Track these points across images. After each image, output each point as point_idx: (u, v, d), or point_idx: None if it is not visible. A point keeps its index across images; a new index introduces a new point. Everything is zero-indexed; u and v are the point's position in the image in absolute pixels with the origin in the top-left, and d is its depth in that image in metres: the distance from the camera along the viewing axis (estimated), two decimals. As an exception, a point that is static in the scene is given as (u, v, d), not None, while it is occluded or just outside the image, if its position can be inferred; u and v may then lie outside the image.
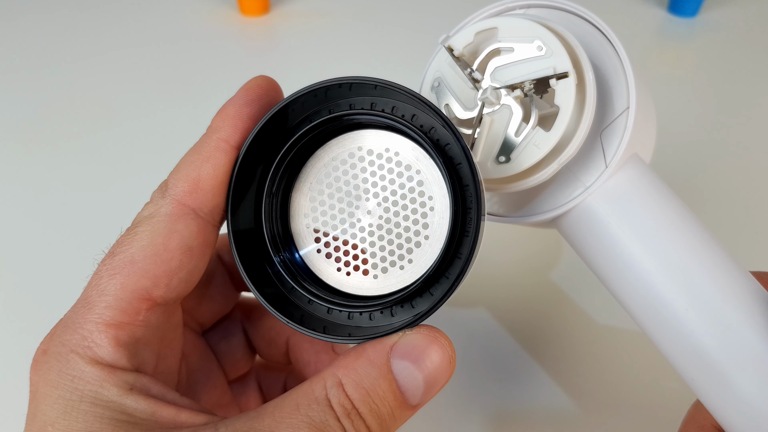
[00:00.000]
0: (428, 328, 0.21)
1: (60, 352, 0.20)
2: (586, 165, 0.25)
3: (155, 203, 0.22)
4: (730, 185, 0.49)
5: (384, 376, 0.20)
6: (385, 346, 0.20)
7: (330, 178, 0.23)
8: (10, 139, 0.55)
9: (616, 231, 0.25)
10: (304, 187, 0.24)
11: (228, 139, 0.22)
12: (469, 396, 0.36)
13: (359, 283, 0.23)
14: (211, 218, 0.22)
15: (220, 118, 0.22)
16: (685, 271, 0.24)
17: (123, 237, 0.21)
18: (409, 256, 0.22)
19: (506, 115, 0.25)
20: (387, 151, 0.23)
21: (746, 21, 0.69)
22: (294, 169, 0.24)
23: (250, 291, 0.22)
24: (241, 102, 0.22)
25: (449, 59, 0.26)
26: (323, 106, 0.23)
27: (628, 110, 0.25)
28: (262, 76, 0.23)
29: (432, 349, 0.20)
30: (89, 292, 0.21)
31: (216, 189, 0.22)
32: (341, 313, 0.22)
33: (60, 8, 0.74)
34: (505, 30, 0.25)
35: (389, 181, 0.22)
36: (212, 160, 0.22)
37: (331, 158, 0.23)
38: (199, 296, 0.28)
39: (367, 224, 0.23)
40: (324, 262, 0.24)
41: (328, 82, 0.22)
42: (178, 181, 0.22)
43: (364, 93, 0.22)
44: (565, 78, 0.24)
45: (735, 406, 0.23)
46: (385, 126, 0.23)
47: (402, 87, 0.21)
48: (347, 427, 0.19)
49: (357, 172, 0.23)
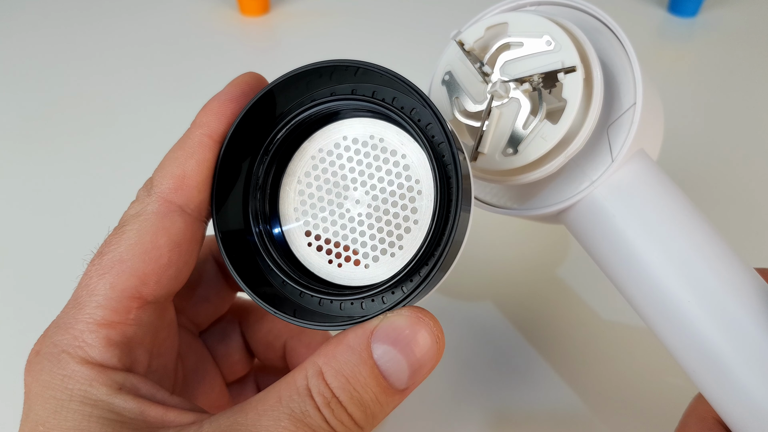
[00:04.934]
0: (412, 308, 0.20)
1: (52, 352, 0.20)
2: (592, 159, 0.26)
3: (141, 201, 0.22)
4: (730, 185, 0.49)
5: (364, 361, 0.19)
6: (366, 330, 0.20)
7: (317, 171, 0.23)
8: (9, 138, 0.55)
9: (621, 224, 0.25)
10: (292, 180, 0.24)
11: (212, 134, 0.22)
12: (472, 391, 0.36)
13: (351, 274, 0.23)
14: (198, 214, 0.22)
15: (204, 113, 0.22)
16: (688, 264, 0.25)
17: (111, 236, 0.21)
18: (399, 242, 0.22)
19: (515, 108, 0.26)
20: (372, 138, 0.23)
21: (746, 21, 0.70)
22: (281, 162, 0.24)
23: (242, 289, 0.22)
24: (225, 98, 0.22)
25: (460, 53, 0.27)
26: (305, 97, 0.23)
27: (635, 106, 0.25)
28: (250, 73, 0.23)
29: (415, 330, 0.19)
30: (79, 293, 0.21)
31: (201, 185, 0.22)
32: (332, 304, 0.22)
33: (60, 8, 0.74)
34: (515, 25, 0.26)
35: (376, 168, 0.22)
36: (196, 155, 0.22)
37: (317, 150, 0.23)
38: (192, 296, 0.28)
39: (357, 214, 0.22)
40: (315, 255, 0.23)
41: (305, 67, 0.21)
42: (163, 178, 0.22)
43: (345, 80, 0.22)
44: (573, 72, 0.25)
45: (736, 399, 0.24)
46: (368, 111, 0.23)
47: (380, 67, 0.21)
48: (328, 417, 0.19)
49: (344, 162, 0.23)
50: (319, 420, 0.19)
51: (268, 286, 0.23)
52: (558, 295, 0.42)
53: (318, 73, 0.22)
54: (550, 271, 0.43)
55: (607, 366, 0.37)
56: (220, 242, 0.22)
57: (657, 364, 0.37)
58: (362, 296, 0.21)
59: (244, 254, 0.23)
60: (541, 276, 0.43)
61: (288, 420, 0.18)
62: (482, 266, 0.43)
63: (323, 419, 0.19)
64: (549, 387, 0.36)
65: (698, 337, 0.24)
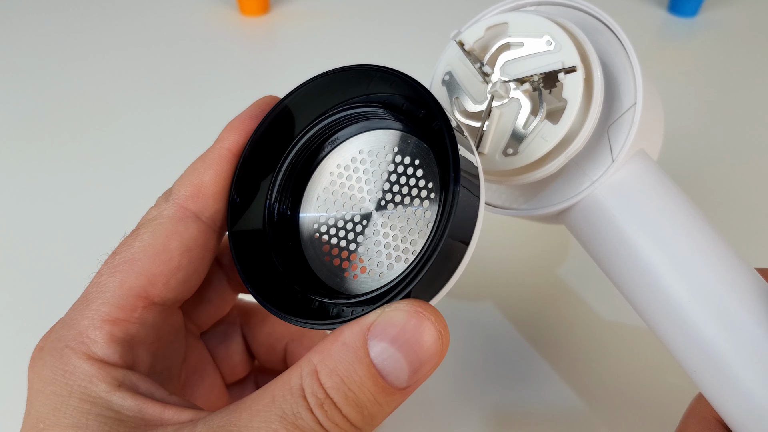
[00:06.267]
0: (411, 302, 0.19)
1: (55, 347, 0.20)
2: (593, 159, 0.26)
3: (159, 207, 0.23)
4: (730, 184, 0.49)
5: (360, 360, 0.18)
6: (362, 327, 0.18)
7: (336, 186, 0.24)
8: (9, 139, 0.55)
9: (622, 224, 0.25)
10: (312, 198, 0.25)
11: (231, 148, 0.23)
12: (472, 390, 0.36)
13: (365, 284, 0.23)
14: (212, 223, 0.23)
15: (226, 131, 0.24)
16: (689, 264, 0.25)
17: (126, 238, 0.22)
18: (413, 248, 0.22)
19: (515, 108, 0.26)
20: (384, 148, 0.23)
21: (746, 21, 0.70)
22: (300, 181, 0.25)
23: (246, 290, 0.22)
24: (246, 116, 0.24)
25: (460, 54, 0.27)
26: (322, 110, 0.24)
27: (635, 106, 0.25)
28: (271, 96, 0.24)
29: (414, 325, 0.18)
30: (89, 290, 0.21)
31: (218, 194, 0.23)
32: (343, 311, 0.22)
33: (60, 8, 0.74)
34: (515, 25, 0.26)
35: (391, 178, 0.23)
36: (215, 166, 0.23)
37: (335, 165, 0.24)
38: (195, 297, 0.28)
39: (373, 224, 0.23)
40: (332, 269, 0.23)
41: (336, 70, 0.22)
42: (182, 186, 0.23)
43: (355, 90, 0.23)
44: (574, 72, 0.25)
45: (737, 398, 0.24)
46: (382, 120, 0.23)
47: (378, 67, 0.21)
48: (321, 419, 0.18)
49: (360, 176, 0.23)
50: (311, 422, 0.18)
51: (273, 289, 0.23)
52: (558, 295, 0.42)
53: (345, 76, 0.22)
54: (550, 270, 0.43)
55: (608, 366, 0.37)
56: (231, 241, 0.23)
57: (657, 364, 0.37)
58: (366, 300, 0.21)
59: (251, 255, 0.23)
60: (541, 276, 0.43)
61: (279, 422, 0.18)
62: (482, 266, 0.43)
63: (316, 421, 0.18)
64: (549, 387, 0.36)
65: (698, 336, 0.24)
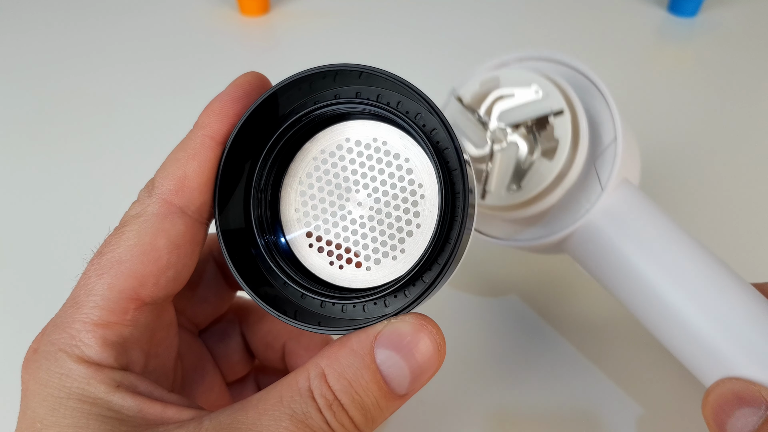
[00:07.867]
0: (415, 315, 0.20)
1: (49, 350, 0.20)
2: (585, 190, 0.29)
3: (142, 202, 0.22)
4: (730, 185, 0.49)
5: (367, 366, 0.19)
6: (370, 335, 0.20)
7: (319, 172, 0.23)
8: (9, 137, 0.54)
9: (618, 244, 0.28)
10: (294, 182, 0.24)
11: (214, 135, 0.22)
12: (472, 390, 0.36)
13: (352, 276, 0.23)
14: (199, 216, 0.22)
15: (206, 115, 0.22)
16: (679, 272, 0.28)
17: (111, 237, 0.21)
18: (401, 246, 0.22)
19: (514, 150, 0.29)
20: (375, 141, 0.22)
21: (746, 21, 0.69)
22: (282, 163, 0.24)
23: (243, 289, 0.22)
24: (227, 98, 0.22)
25: (460, 107, 0.31)
26: (308, 98, 0.23)
27: (615, 140, 0.29)
28: (252, 72, 0.23)
29: (418, 337, 0.20)
30: (77, 292, 0.21)
31: (202, 186, 0.22)
32: (334, 306, 0.22)
33: (60, 7, 0.73)
34: (506, 79, 0.30)
35: (378, 171, 0.22)
36: (198, 157, 0.21)
37: (319, 151, 0.23)
38: (191, 296, 0.28)
39: (358, 216, 0.22)
40: (316, 257, 0.23)
41: (310, 71, 0.21)
42: (164, 179, 0.22)
43: (349, 82, 0.22)
44: (561, 114, 0.28)
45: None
46: (372, 115, 0.23)
47: (386, 72, 0.21)
48: (329, 419, 0.19)
49: (346, 164, 0.23)
50: (320, 421, 0.19)
51: (269, 287, 0.23)
52: (559, 294, 0.41)
53: (322, 76, 0.22)
54: (550, 270, 0.43)
55: (609, 366, 0.37)
56: (222, 242, 0.22)
57: (659, 364, 0.36)
58: (364, 299, 0.21)
59: (245, 254, 0.23)
60: (542, 275, 0.43)
61: (289, 420, 0.19)
62: (483, 265, 0.43)
63: (324, 421, 0.19)
64: (550, 387, 0.36)
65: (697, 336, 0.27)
